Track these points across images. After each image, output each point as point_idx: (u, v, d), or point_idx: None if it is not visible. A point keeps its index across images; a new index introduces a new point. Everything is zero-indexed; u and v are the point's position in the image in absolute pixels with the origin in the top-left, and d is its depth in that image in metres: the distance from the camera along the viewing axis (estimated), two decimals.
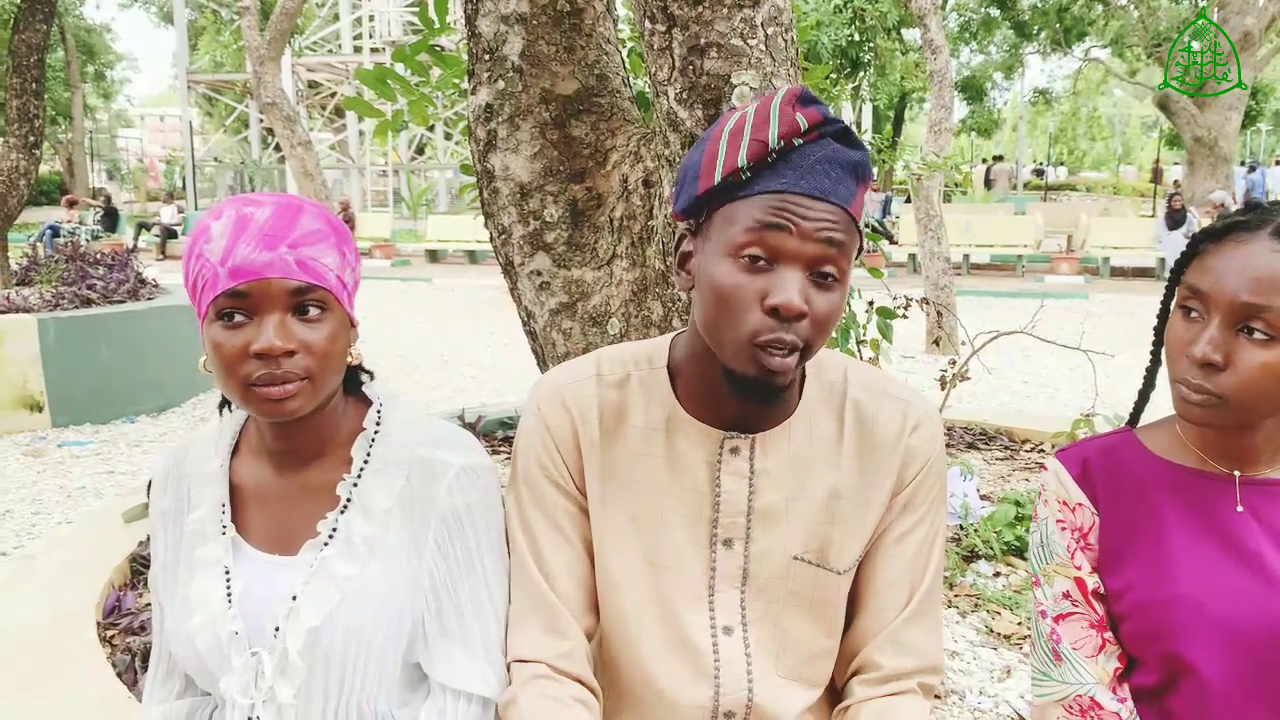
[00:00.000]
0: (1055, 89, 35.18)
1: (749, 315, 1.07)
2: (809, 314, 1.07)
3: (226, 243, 1.12)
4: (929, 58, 9.26)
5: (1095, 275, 16.41)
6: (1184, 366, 1.21)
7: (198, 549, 1.26)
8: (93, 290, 7.06)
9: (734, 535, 1.23)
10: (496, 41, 2.38)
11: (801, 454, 1.23)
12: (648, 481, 1.24)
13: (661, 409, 1.25)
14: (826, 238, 1.06)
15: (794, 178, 1.07)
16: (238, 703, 1.21)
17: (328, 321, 1.17)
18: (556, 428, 1.26)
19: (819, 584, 1.25)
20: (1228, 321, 1.17)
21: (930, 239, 8.87)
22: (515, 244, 2.48)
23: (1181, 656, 1.25)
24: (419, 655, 1.26)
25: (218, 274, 1.12)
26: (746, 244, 1.08)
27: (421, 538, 1.24)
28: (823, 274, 1.08)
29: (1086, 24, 25.69)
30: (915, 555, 1.27)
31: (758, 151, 1.08)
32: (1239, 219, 1.21)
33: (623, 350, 1.31)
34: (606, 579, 1.26)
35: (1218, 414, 1.19)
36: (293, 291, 1.13)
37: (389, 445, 1.27)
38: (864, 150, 1.12)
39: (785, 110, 1.09)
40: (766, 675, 1.25)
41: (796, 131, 1.08)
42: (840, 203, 1.08)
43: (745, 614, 1.24)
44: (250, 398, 1.14)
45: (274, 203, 1.17)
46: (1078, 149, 45.49)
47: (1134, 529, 1.31)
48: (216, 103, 31.08)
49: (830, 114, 1.10)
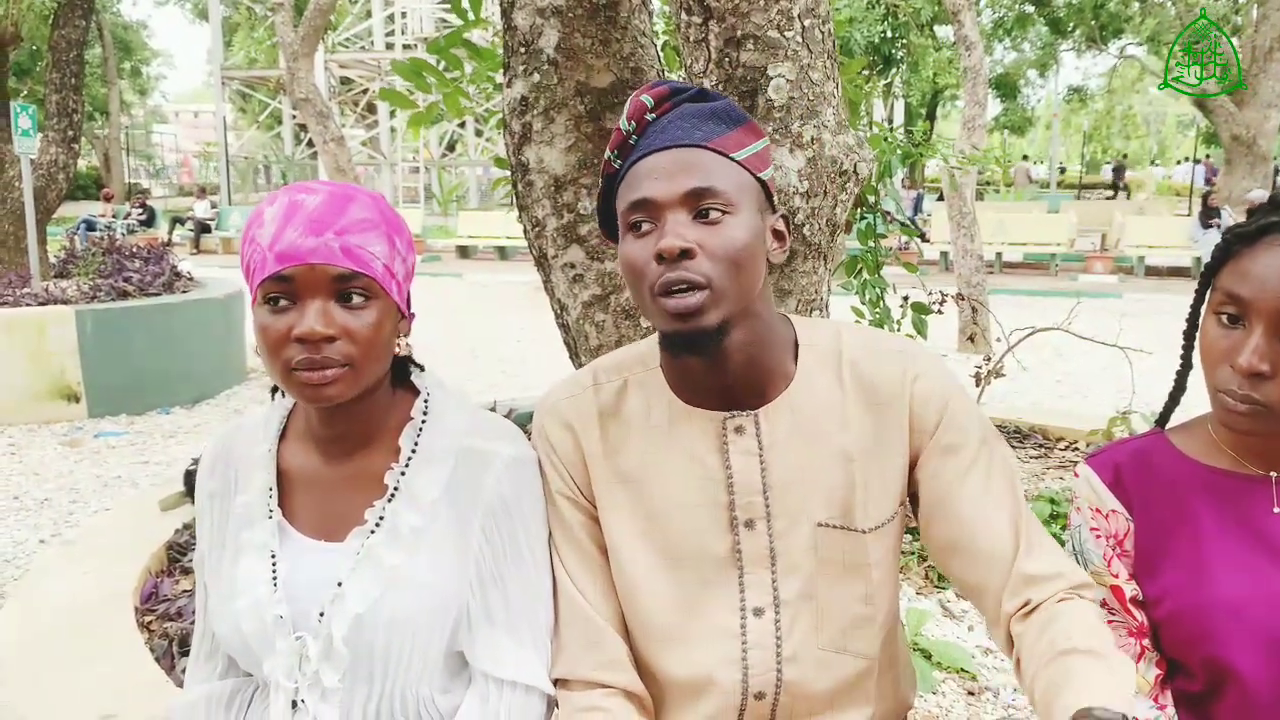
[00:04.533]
0: (1090, 87, 34.78)
1: (647, 271, 1.12)
2: (700, 249, 1.10)
3: (276, 228, 1.14)
4: (963, 54, 9.19)
5: (1130, 274, 16.23)
6: (1227, 375, 1.18)
7: (244, 532, 1.28)
8: (129, 283, 7.15)
9: (754, 515, 1.23)
10: (532, 34, 2.38)
11: (806, 421, 1.23)
12: (659, 478, 1.25)
13: (661, 405, 1.26)
14: (688, 177, 1.12)
15: (648, 144, 1.16)
16: (282, 685, 1.22)
17: (372, 309, 1.18)
18: (559, 444, 1.30)
19: (848, 547, 1.24)
20: (1273, 330, 1.14)
21: (963, 236, 8.81)
22: (549, 236, 2.48)
23: (1222, 661, 1.23)
24: (463, 644, 1.27)
25: (266, 258, 1.14)
26: (628, 215, 1.15)
27: (468, 527, 1.25)
28: (702, 210, 1.12)
29: (1123, 21, 25.39)
30: (986, 488, 1.22)
31: (618, 139, 1.19)
32: (1273, 219, 1.17)
33: (617, 356, 1.34)
34: (626, 585, 1.27)
35: (1265, 422, 1.17)
36: (336, 278, 1.14)
37: (437, 435, 1.28)
38: (723, 99, 1.19)
39: (634, 99, 1.18)
40: (804, 652, 1.24)
41: (644, 109, 1.17)
42: (697, 143, 1.14)
43: (778, 594, 1.24)
44: (291, 382, 1.16)
45: (327, 191, 1.19)
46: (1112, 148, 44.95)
47: (1169, 533, 1.29)
48: (250, 99, 31.35)
49: (681, 85, 1.19)
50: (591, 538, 1.29)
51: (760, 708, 1.26)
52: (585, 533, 1.29)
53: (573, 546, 1.29)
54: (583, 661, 1.25)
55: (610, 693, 1.24)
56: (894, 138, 3.43)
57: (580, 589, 1.27)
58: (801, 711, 1.27)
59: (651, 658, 1.28)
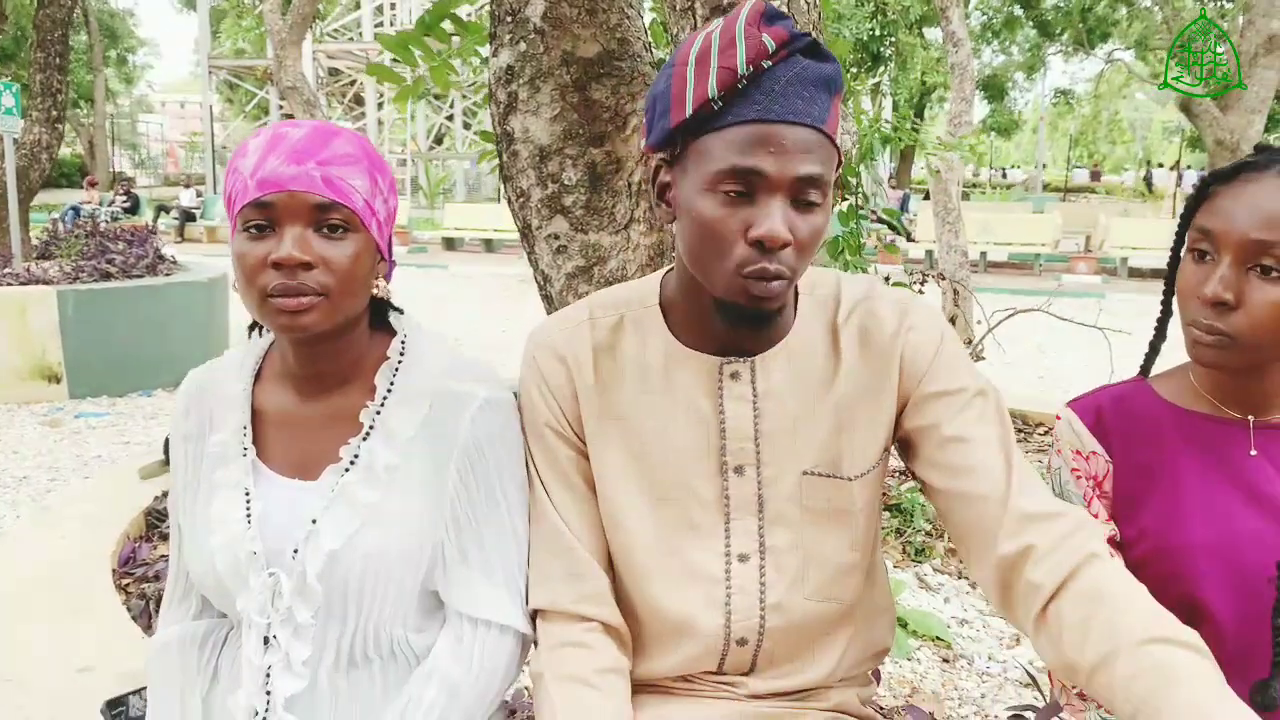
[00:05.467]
0: (1077, 90, 34.99)
1: (734, 248, 1.08)
2: (793, 241, 1.07)
3: (259, 157, 1.15)
4: (950, 50, 9.20)
5: (1113, 275, 16.32)
6: (1195, 308, 1.21)
7: (218, 470, 1.28)
8: (112, 265, 7.11)
9: (744, 461, 1.23)
10: (519, 3, 2.38)
11: (802, 370, 1.23)
12: (651, 418, 1.25)
13: (658, 345, 1.25)
14: (804, 162, 1.06)
15: (766, 104, 1.06)
16: (254, 621, 1.22)
17: (350, 241, 1.18)
18: (551, 376, 1.27)
19: (833, 494, 1.24)
20: (1239, 260, 1.17)
21: (948, 232, 8.82)
22: (533, 207, 2.49)
23: (1196, 601, 1.25)
24: (437, 583, 1.27)
25: (247, 185, 1.15)
26: (724, 177, 1.07)
27: (443, 467, 1.25)
28: (804, 200, 1.08)
29: (1110, 24, 25.55)
30: (978, 432, 1.18)
31: (726, 79, 1.06)
32: (1248, 160, 1.21)
33: (614, 292, 1.32)
34: (610, 518, 1.27)
35: (1230, 355, 1.20)
36: (316, 206, 1.15)
37: (413, 375, 1.28)
38: (834, 62, 1.11)
39: (750, 32, 1.07)
40: (789, 600, 1.25)
41: (764, 54, 1.06)
42: (815, 124, 1.07)
43: (764, 541, 1.24)
44: (267, 309, 1.16)
45: (311, 125, 1.20)
46: (1098, 152, 45.21)
47: (1148, 475, 1.32)
48: (237, 89, 31.21)
49: (796, 29, 1.09)
50: (579, 471, 1.28)
51: (741, 654, 1.27)
52: (573, 466, 1.28)
53: (559, 479, 1.28)
54: (564, 594, 1.25)
55: (590, 626, 1.25)
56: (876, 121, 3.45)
57: (565, 521, 1.27)
58: (781, 656, 1.28)
59: (634, 596, 1.28)
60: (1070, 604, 1.05)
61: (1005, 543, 1.11)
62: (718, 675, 1.30)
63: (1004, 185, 38.75)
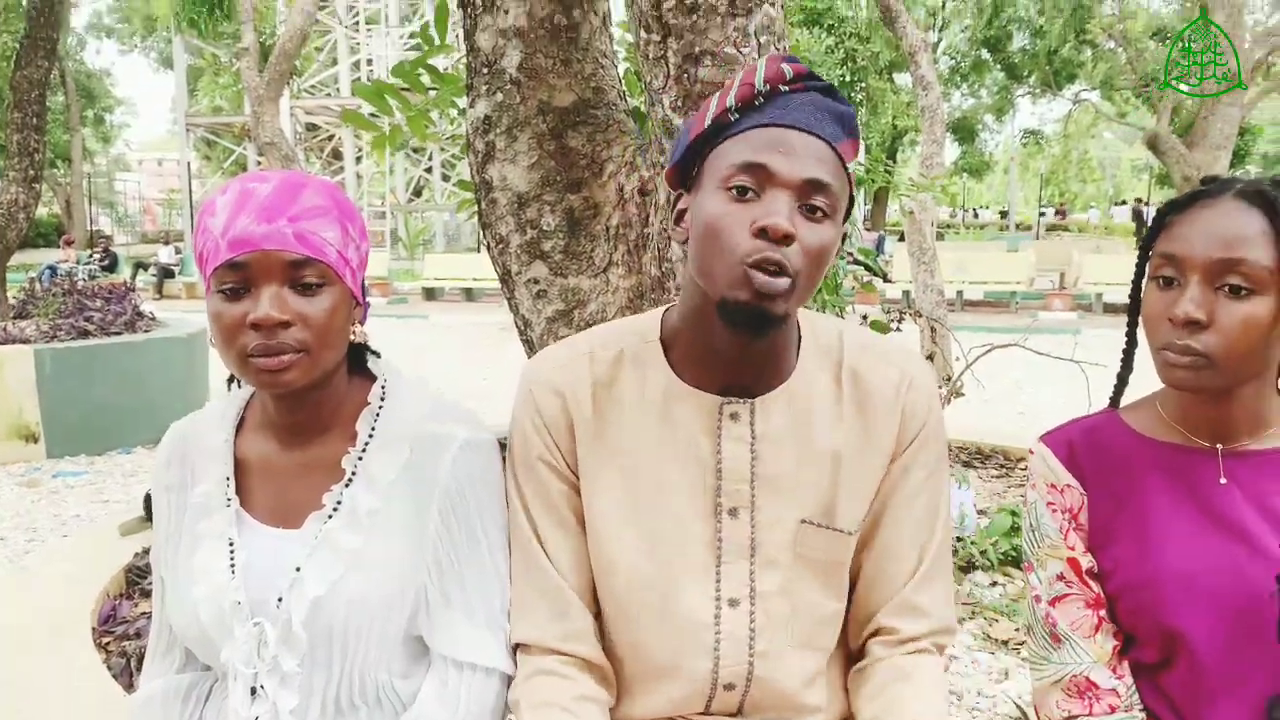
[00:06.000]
0: (1046, 131, 35.56)
1: (739, 239, 1.09)
2: (798, 240, 1.08)
3: (228, 215, 1.14)
4: (920, 94, 9.34)
5: (1089, 311, 16.48)
6: (1167, 331, 1.22)
7: (201, 522, 1.28)
8: (90, 322, 7.08)
9: (739, 504, 1.22)
10: (495, 55, 2.42)
11: (801, 416, 1.23)
12: (647, 455, 1.24)
13: (657, 381, 1.24)
14: (812, 167, 1.09)
15: (779, 114, 1.12)
16: (240, 672, 1.22)
17: (326, 295, 1.18)
18: (547, 409, 1.26)
19: (829, 546, 1.24)
20: (1206, 280, 1.19)
21: (924, 272, 8.91)
22: (513, 253, 2.51)
23: (1174, 630, 1.26)
24: (421, 627, 1.27)
25: (218, 245, 1.14)
26: (735, 174, 1.11)
27: (425, 509, 1.25)
28: (811, 206, 1.10)
29: (1076, 66, 26.05)
30: (922, 519, 1.27)
31: (745, 94, 1.14)
32: (1201, 189, 1.25)
33: (615, 326, 1.32)
34: (600, 557, 1.26)
35: (1205, 375, 1.21)
36: (290, 264, 1.15)
37: (393, 420, 1.28)
38: (850, 107, 1.15)
39: (772, 62, 1.15)
40: (775, 646, 1.24)
41: (781, 78, 1.14)
42: (826, 138, 1.11)
43: (755, 586, 1.23)
44: (248, 369, 1.16)
45: (278, 178, 1.19)
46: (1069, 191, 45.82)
47: (1122, 506, 1.33)
48: (215, 145, 31.30)
49: (816, 75, 1.15)
50: (570, 506, 1.27)
51: (729, 698, 1.26)
52: (564, 501, 1.27)
53: (549, 514, 1.26)
54: (549, 631, 1.24)
55: (570, 660, 1.24)
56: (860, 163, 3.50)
57: (553, 558, 1.25)
58: (768, 704, 1.27)
59: (622, 636, 1.27)
60: (882, 671, 1.26)
61: (886, 616, 1.28)
62: (705, 715, 1.29)
63: (977, 225, 39.25)
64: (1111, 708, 1.30)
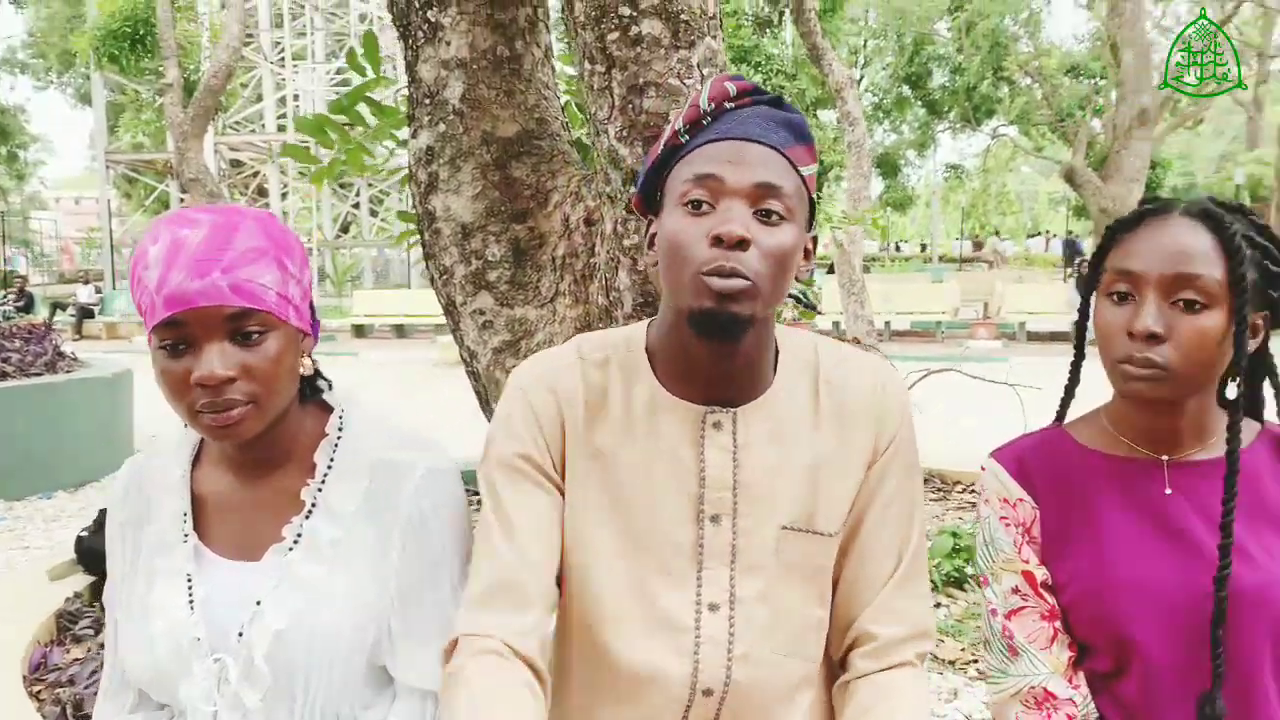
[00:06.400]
0: (967, 165, 36.52)
1: (697, 250, 1.12)
2: (755, 244, 1.11)
3: (161, 271, 1.11)
4: (846, 129, 9.55)
5: (1013, 340, 16.89)
6: (1125, 345, 1.26)
7: (158, 559, 1.25)
8: (8, 363, 6.86)
9: (721, 511, 1.24)
10: (437, 86, 2.43)
11: (781, 425, 1.26)
12: (632, 461, 1.25)
13: (643, 390, 1.26)
14: (762, 172, 1.13)
15: (727, 129, 1.16)
16: (199, 709, 1.19)
17: (270, 342, 1.15)
18: (542, 410, 1.26)
19: (810, 551, 1.27)
20: (1162, 295, 1.23)
21: (854, 302, 9.05)
22: (457, 284, 2.50)
23: (1127, 639, 1.29)
24: (384, 657, 1.25)
25: (155, 303, 1.11)
26: (689, 189, 1.15)
27: (387, 539, 1.24)
28: (766, 210, 1.13)
29: (994, 102, 26.84)
30: (898, 523, 1.30)
31: (692, 115, 1.18)
32: (1148, 207, 1.30)
33: (601, 336, 1.33)
34: (581, 559, 1.26)
35: (1164, 387, 1.25)
36: (229, 317, 1.12)
37: (352, 449, 1.27)
38: (798, 113, 1.20)
39: (716, 82, 1.19)
40: (755, 651, 1.25)
41: (726, 96, 1.18)
42: (774, 145, 1.15)
43: (735, 592, 1.25)
44: (198, 424, 1.14)
45: (209, 221, 1.14)
46: (989, 224, 47.03)
47: (1072, 519, 1.36)
48: (136, 182, 30.67)
49: (762, 90, 1.19)
50: (550, 506, 1.25)
51: (707, 704, 1.26)
52: (543, 501, 1.25)
53: (525, 512, 1.23)
54: (503, 626, 1.18)
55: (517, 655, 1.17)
56: None
57: (519, 552, 1.21)
58: (746, 712, 1.27)
59: (601, 643, 1.26)
60: (865, 689, 1.26)
61: (865, 621, 1.29)
62: None
63: (902, 258, 40.08)
64: (1069, 717, 1.33)
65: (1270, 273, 1.26)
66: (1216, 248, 1.22)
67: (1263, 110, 31.51)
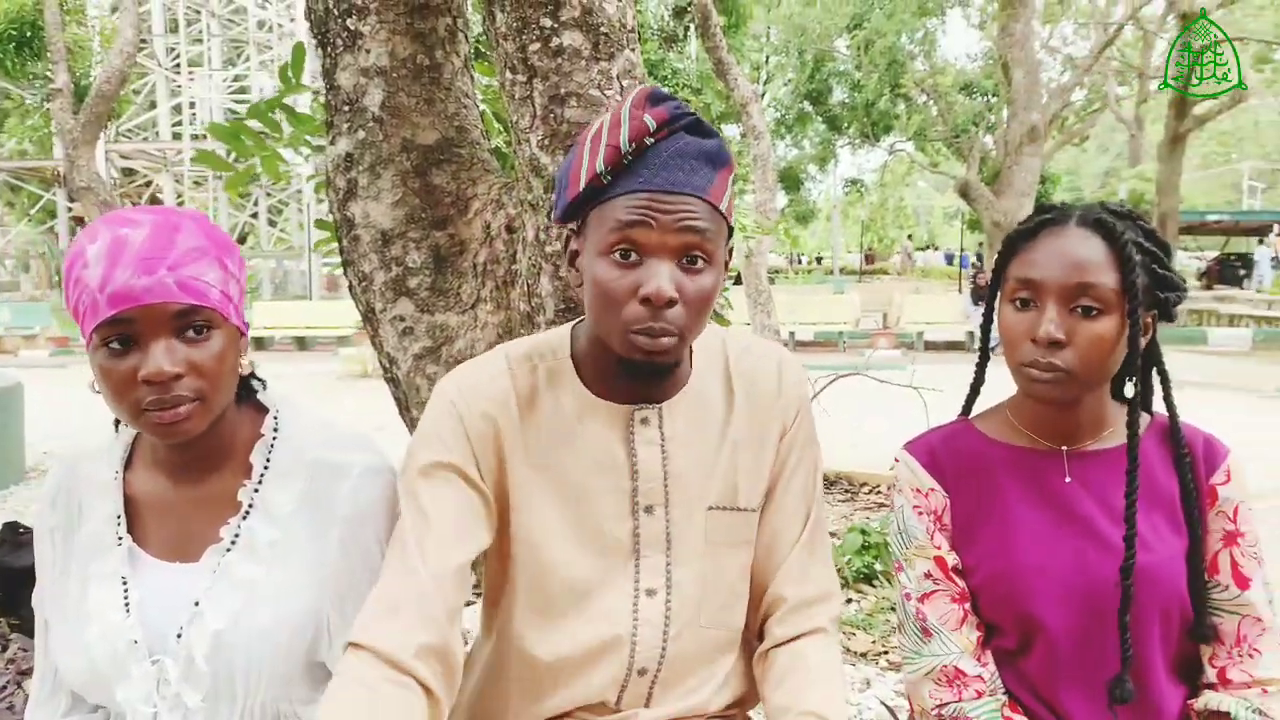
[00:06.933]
0: (866, 180, 37.36)
1: (626, 307, 1.16)
2: (681, 299, 1.16)
3: (104, 269, 1.11)
4: (752, 143, 9.72)
5: (911, 349, 17.34)
6: (1028, 350, 1.36)
7: (92, 563, 1.25)
8: None
9: (654, 501, 1.31)
10: (356, 93, 2.43)
11: (702, 415, 1.34)
12: (567, 463, 1.30)
13: (571, 395, 1.31)
14: (687, 227, 1.16)
15: (649, 175, 1.16)
16: (139, 711, 1.19)
17: (214, 339, 1.17)
18: (471, 421, 1.27)
19: (735, 525, 1.35)
20: (1061, 302, 1.33)
21: (760, 312, 9.22)
22: (376, 290, 2.50)
23: (1031, 616, 1.38)
24: (322, 653, 1.27)
25: (97, 301, 1.11)
26: (615, 243, 1.17)
27: (325, 537, 1.26)
28: (690, 259, 1.17)
29: (892, 119, 27.54)
30: (803, 490, 1.40)
31: (612, 156, 1.17)
32: (1045, 216, 1.40)
33: (526, 343, 1.37)
34: (535, 560, 1.30)
35: (1065, 388, 1.35)
36: (176, 314, 1.14)
37: (289, 450, 1.28)
38: (718, 138, 1.21)
39: (635, 113, 1.18)
40: (687, 628, 1.33)
41: (646, 132, 1.17)
42: (696, 192, 1.17)
43: (671, 576, 1.32)
44: (143, 422, 1.15)
45: (150, 221, 1.15)
46: (887, 236, 48.23)
47: (979, 506, 1.45)
48: (20, 190, 29.49)
49: (681, 109, 1.19)
50: (477, 515, 1.26)
51: (641, 683, 1.34)
52: (471, 512, 1.25)
53: (443, 522, 1.22)
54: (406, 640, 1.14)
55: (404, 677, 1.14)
56: None
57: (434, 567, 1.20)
58: (675, 683, 1.36)
59: (546, 634, 1.32)
60: (783, 657, 1.35)
61: (778, 585, 1.39)
62: (615, 712, 1.35)
63: (805, 270, 40.86)
64: (978, 693, 1.41)
65: (1159, 275, 1.36)
66: (1110, 256, 1.32)
67: (1144, 128, 32.97)
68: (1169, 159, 19.91)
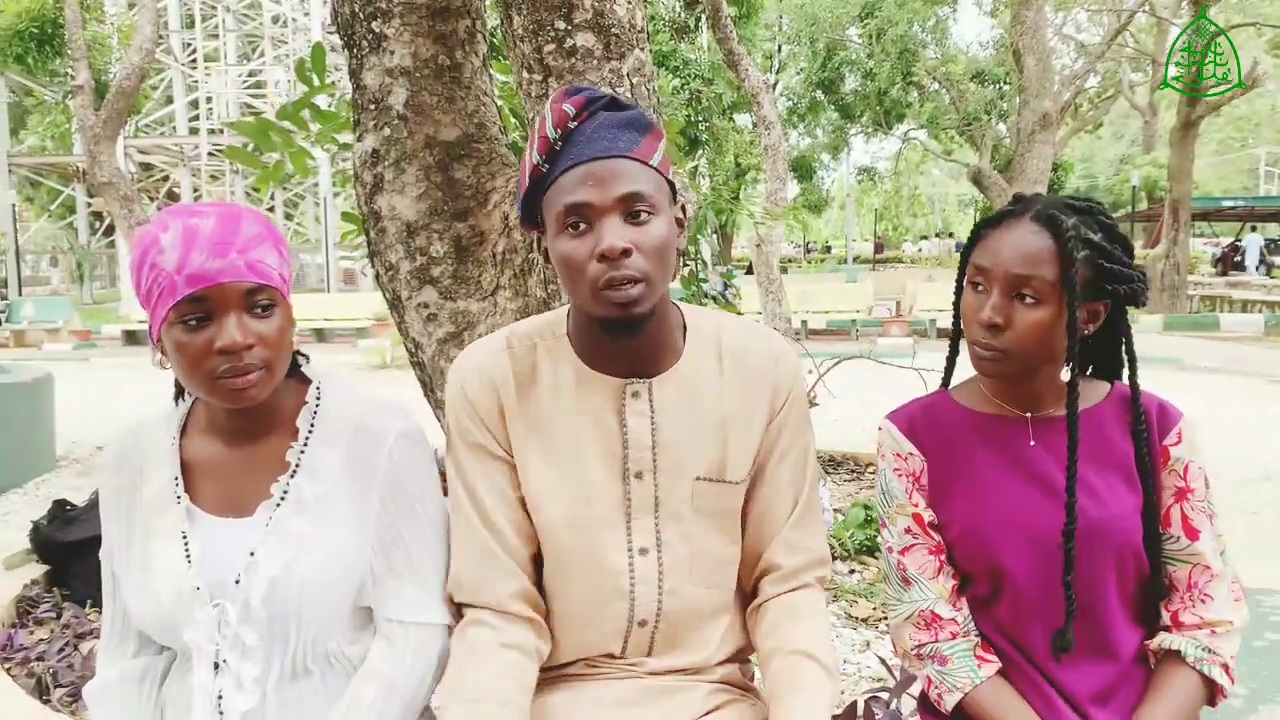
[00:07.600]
0: (879, 168, 37.28)
1: (588, 268, 1.30)
2: (637, 249, 1.30)
3: (180, 253, 1.27)
4: (763, 133, 9.82)
5: (924, 336, 17.42)
6: (976, 330, 1.52)
7: (154, 520, 1.40)
8: None
9: (643, 468, 1.45)
10: (382, 92, 2.58)
11: (691, 391, 1.46)
12: (565, 432, 1.45)
13: (568, 369, 1.46)
14: (621, 184, 1.30)
15: (578, 152, 1.32)
16: (204, 648, 1.35)
17: (276, 315, 1.34)
18: (480, 399, 1.45)
19: (720, 496, 1.48)
20: (1005, 290, 1.48)
21: (772, 301, 9.34)
22: (402, 279, 2.66)
23: (999, 566, 1.53)
24: (368, 598, 1.42)
25: (174, 281, 1.27)
26: (564, 217, 1.31)
27: (367, 496, 1.41)
28: (634, 213, 1.31)
29: (904, 106, 27.53)
30: (794, 469, 1.52)
31: (544, 146, 1.34)
32: (1010, 208, 1.54)
33: (527, 324, 1.53)
34: (542, 520, 1.46)
35: (1003, 365, 1.51)
36: (246, 292, 1.30)
37: (330, 415, 1.44)
38: (635, 108, 1.38)
39: (555, 107, 1.34)
40: (680, 586, 1.47)
41: (567, 118, 1.33)
42: (622, 153, 1.31)
43: (660, 536, 1.46)
44: (216, 390, 1.31)
45: (215, 212, 1.32)
46: (901, 225, 48.20)
47: (954, 468, 1.60)
48: (40, 186, 29.81)
49: (595, 93, 1.36)
50: (508, 482, 1.46)
51: (642, 634, 1.48)
52: (502, 478, 1.46)
53: (491, 491, 1.45)
54: (496, 593, 1.43)
55: (506, 615, 1.43)
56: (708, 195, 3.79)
57: (498, 529, 1.44)
58: (675, 638, 1.50)
59: (552, 587, 1.48)
60: (774, 609, 1.49)
61: (771, 553, 1.52)
62: (621, 659, 1.50)
63: (817, 259, 40.90)
64: (953, 634, 1.56)
65: (1103, 269, 1.49)
66: (1053, 251, 1.45)
67: (1158, 115, 32.90)
68: (1181, 145, 19.90)
